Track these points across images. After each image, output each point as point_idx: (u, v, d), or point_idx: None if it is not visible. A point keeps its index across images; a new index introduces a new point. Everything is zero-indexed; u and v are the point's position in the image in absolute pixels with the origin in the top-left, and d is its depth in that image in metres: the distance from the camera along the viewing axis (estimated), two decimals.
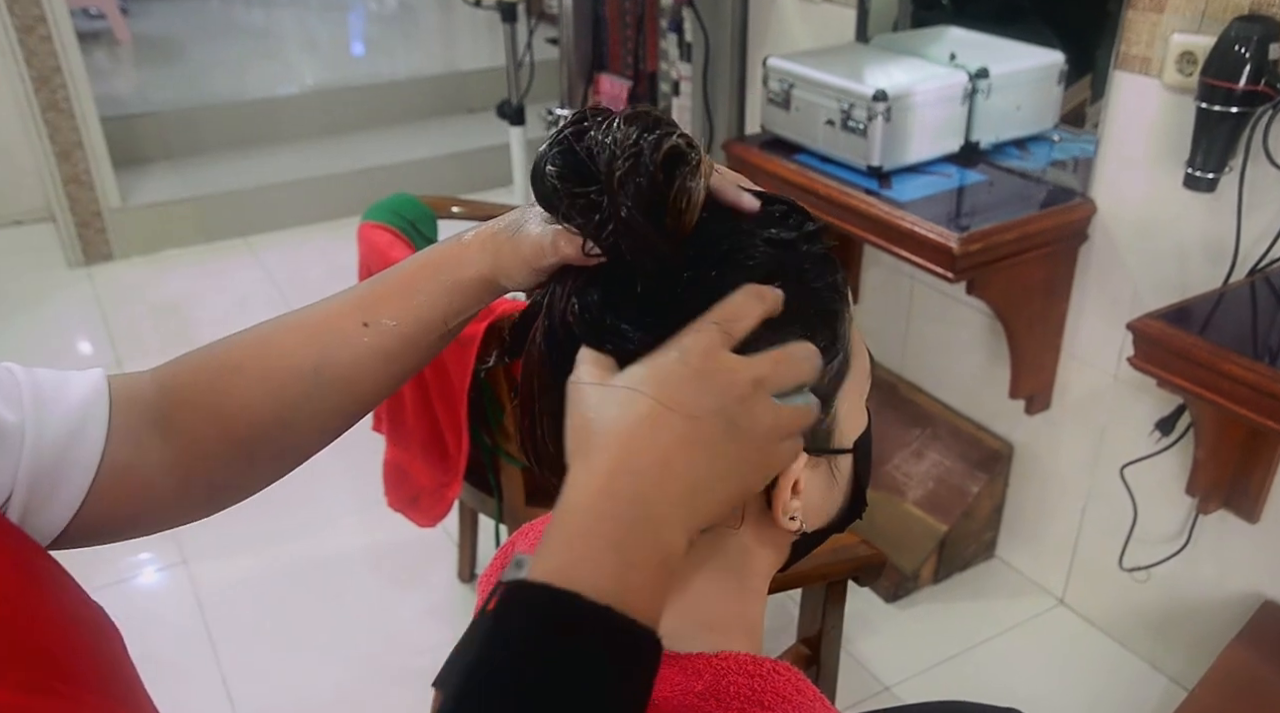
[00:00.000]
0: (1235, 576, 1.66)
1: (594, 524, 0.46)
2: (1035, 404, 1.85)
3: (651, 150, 0.52)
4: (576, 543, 0.46)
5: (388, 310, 0.62)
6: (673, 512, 0.47)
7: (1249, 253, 1.46)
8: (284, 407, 0.62)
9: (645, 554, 0.46)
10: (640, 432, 0.47)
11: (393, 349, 0.62)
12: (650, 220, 0.52)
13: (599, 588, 0.44)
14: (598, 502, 0.46)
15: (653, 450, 0.47)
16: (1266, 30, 1.36)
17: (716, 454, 0.49)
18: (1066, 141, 1.76)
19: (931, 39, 1.92)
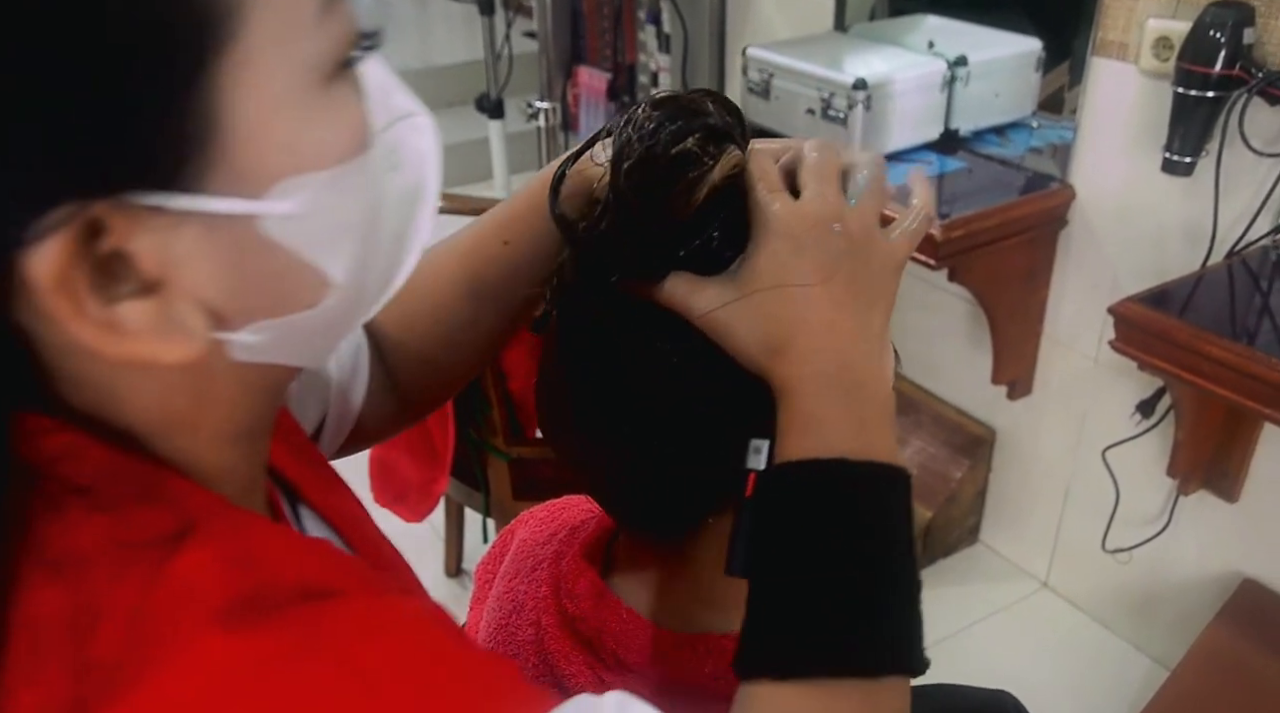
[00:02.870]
0: (1215, 555, 1.68)
1: (825, 404, 0.50)
2: (1017, 389, 1.87)
3: (665, 145, 0.51)
4: (818, 422, 0.50)
5: (522, 226, 0.64)
6: (867, 363, 0.52)
7: (1226, 235, 1.48)
8: (455, 325, 0.67)
9: (870, 407, 0.51)
10: (807, 315, 0.50)
11: (533, 263, 0.65)
12: (646, 210, 0.52)
13: (853, 450, 0.49)
14: (815, 389, 0.50)
15: (823, 328, 0.50)
16: (1240, 15, 1.38)
17: (867, 298, 0.52)
18: (1045, 128, 1.78)
19: (909, 27, 1.93)
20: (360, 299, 0.44)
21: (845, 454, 0.49)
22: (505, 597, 0.71)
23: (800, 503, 0.49)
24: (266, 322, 0.40)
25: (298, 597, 0.37)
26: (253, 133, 0.36)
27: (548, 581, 0.67)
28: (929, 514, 1.96)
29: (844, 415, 0.50)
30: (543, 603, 0.66)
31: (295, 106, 0.37)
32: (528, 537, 0.74)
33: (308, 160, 0.38)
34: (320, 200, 0.38)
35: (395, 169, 0.43)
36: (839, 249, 0.51)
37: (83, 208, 0.33)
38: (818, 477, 0.49)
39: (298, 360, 0.45)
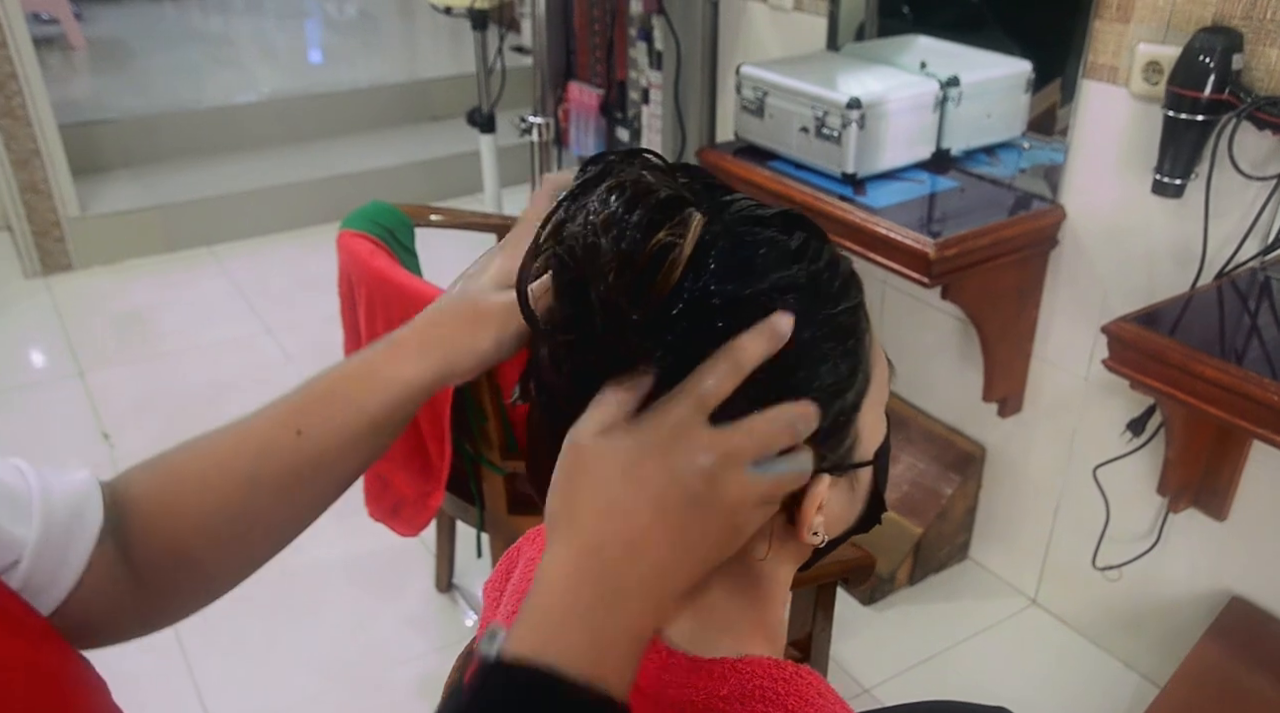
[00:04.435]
0: (1204, 572, 1.70)
1: (569, 604, 0.48)
2: (1008, 407, 1.88)
3: (639, 242, 0.50)
4: (553, 622, 0.48)
5: (318, 419, 0.61)
6: (642, 591, 0.49)
7: (1215, 257, 1.50)
8: (226, 518, 0.61)
9: (618, 633, 0.48)
10: (611, 513, 0.49)
11: (328, 457, 0.62)
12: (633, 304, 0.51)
13: (576, 664, 0.46)
14: (572, 582, 0.48)
15: (622, 533, 0.49)
16: (1229, 41, 1.40)
17: (685, 532, 0.50)
18: (1035, 149, 1.80)
19: (901, 48, 1.95)
20: None
21: (561, 666, 0.46)
22: (514, 615, 0.71)
23: (494, 703, 0.47)
24: None
25: None
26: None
27: None
28: (920, 530, 1.97)
29: (582, 628, 0.48)
30: None
31: None
32: (536, 555, 0.73)
33: None
34: None
35: None
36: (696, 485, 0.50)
37: None
38: (521, 680, 0.47)
39: None
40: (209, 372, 2.79)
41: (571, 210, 0.54)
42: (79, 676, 0.55)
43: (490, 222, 1.99)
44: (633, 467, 0.50)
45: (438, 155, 3.93)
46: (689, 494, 0.50)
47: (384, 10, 5.97)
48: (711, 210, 0.54)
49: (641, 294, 0.50)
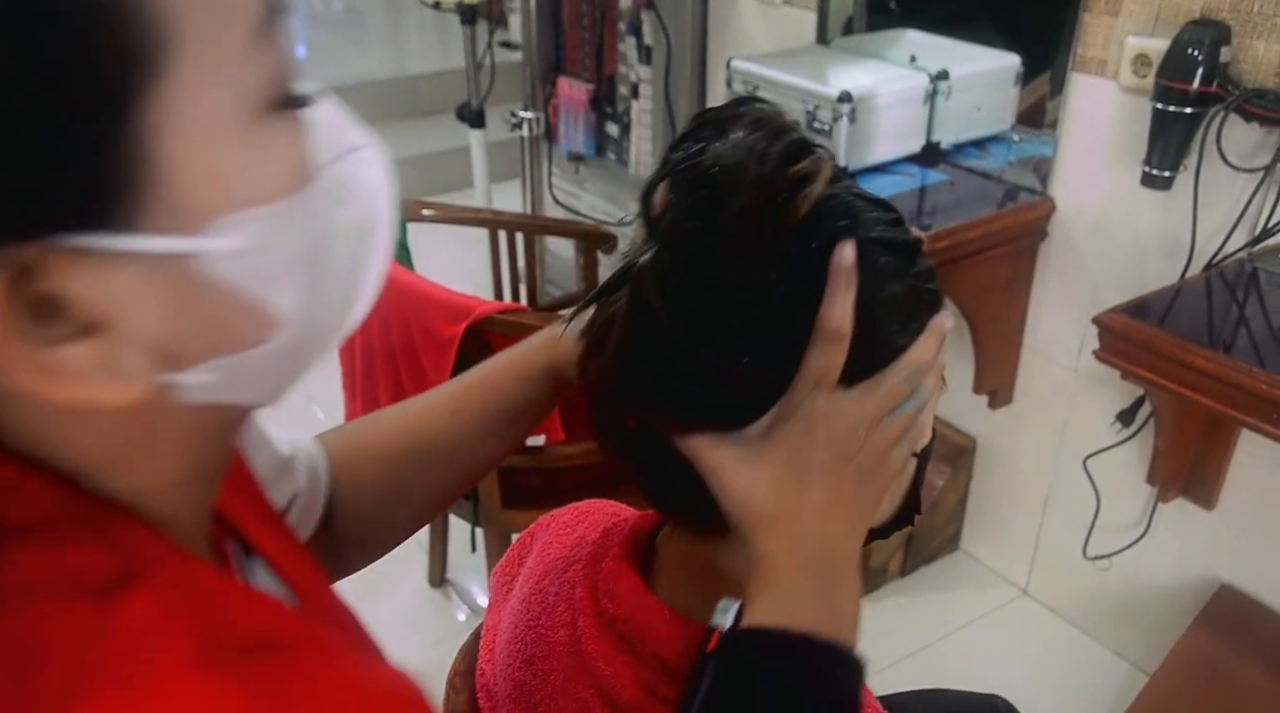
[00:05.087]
0: (1193, 561, 1.71)
1: (800, 586, 0.54)
2: (998, 399, 1.89)
3: (776, 167, 0.52)
4: (788, 595, 0.54)
5: (470, 404, 0.71)
6: (846, 551, 0.56)
7: (1204, 248, 1.52)
8: (393, 485, 0.72)
9: (842, 593, 0.55)
10: (801, 500, 0.55)
11: (476, 438, 0.72)
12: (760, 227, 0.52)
13: (821, 625, 0.53)
14: (793, 567, 0.54)
15: (817, 513, 0.55)
16: (1217, 34, 1.41)
17: (860, 493, 0.56)
18: (1024, 142, 1.81)
19: (891, 41, 1.96)
20: (313, 334, 0.43)
21: (814, 630, 0.52)
22: (533, 598, 0.71)
23: (765, 667, 0.52)
24: (215, 361, 0.39)
25: (258, 648, 0.36)
26: (187, 170, 0.35)
27: (583, 582, 0.67)
28: None
29: (818, 599, 0.54)
30: (578, 604, 0.66)
31: (232, 142, 0.36)
32: (553, 540, 0.74)
33: (247, 196, 0.37)
34: (263, 236, 0.37)
35: (344, 204, 0.42)
36: (854, 453, 0.55)
37: (13, 252, 0.32)
38: (785, 644, 0.52)
39: (249, 399, 0.44)
40: None
41: (700, 138, 0.55)
42: None
43: (482, 217, 1.99)
44: (799, 457, 0.55)
45: (426, 151, 3.92)
46: (856, 465, 0.56)
47: (370, 5, 5.95)
48: None
49: (774, 217, 0.52)
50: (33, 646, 0.33)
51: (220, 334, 0.39)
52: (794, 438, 0.55)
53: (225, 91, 0.36)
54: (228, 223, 0.36)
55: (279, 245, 0.38)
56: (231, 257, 0.37)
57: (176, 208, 0.35)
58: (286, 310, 0.40)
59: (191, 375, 0.39)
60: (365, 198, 0.44)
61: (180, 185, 0.35)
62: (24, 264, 0.33)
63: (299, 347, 0.42)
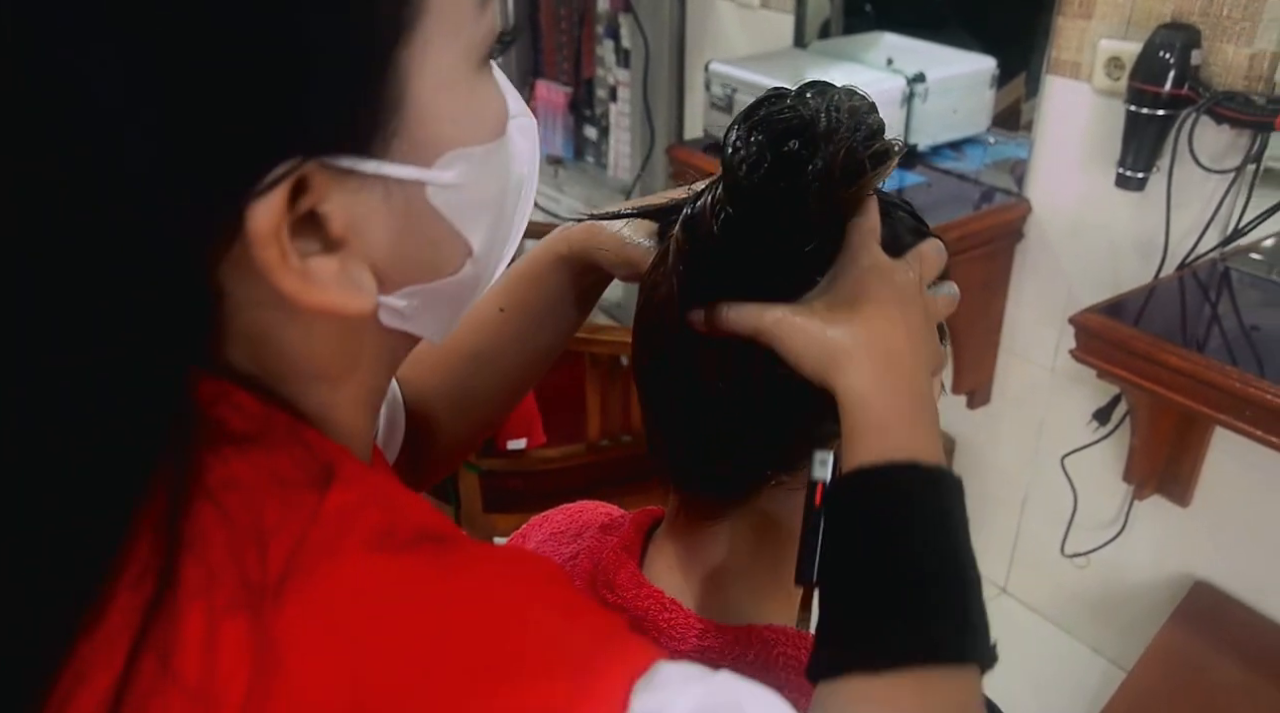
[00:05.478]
0: (1169, 558, 1.73)
1: (893, 411, 0.53)
2: (976, 399, 1.91)
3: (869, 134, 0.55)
4: (888, 428, 0.53)
5: (516, 297, 0.71)
6: (923, 383, 0.56)
7: (1177, 249, 1.54)
8: (458, 389, 0.73)
9: (929, 420, 0.55)
10: (885, 332, 0.55)
11: (527, 331, 0.72)
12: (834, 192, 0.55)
13: (926, 453, 0.52)
14: (881, 399, 0.53)
15: (898, 343, 0.55)
16: (1188, 37, 1.43)
17: (923, 334, 0.57)
18: (1000, 144, 1.83)
19: (867, 44, 1.97)
20: (485, 273, 0.48)
21: (916, 457, 0.51)
22: None
23: (878, 504, 0.51)
24: (417, 287, 0.44)
25: (426, 537, 0.41)
26: (427, 108, 0.41)
27: (581, 574, 0.68)
28: None
29: (912, 424, 0.53)
30: None
31: (460, 87, 0.42)
32: (547, 537, 0.74)
33: (467, 135, 0.43)
34: (473, 173, 0.43)
35: (515, 158, 0.47)
36: (911, 296, 0.56)
37: (297, 166, 0.37)
38: (896, 479, 0.51)
39: (428, 330, 0.48)
40: None
41: (793, 98, 0.57)
42: None
43: None
44: (872, 293, 0.55)
45: None
46: (919, 307, 0.57)
47: None
48: None
49: (852, 184, 0.55)
50: (258, 532, 0.39)
51: (428, 262, 0.45)
52: (855, 280, 0.55)
53: (459, 44, 0.42)
54: (450, 158, 0.42)
55: (481, 183, 0.44)
56: (449, 189, 0.43)
57: (417, 141, 0.41)
58: (477, 245, 0.46)
59: (397, 299, 0.44)
60: (526, 157, 0.49)
61: (421, 122, 0.41)
62: (300, 179, 0.38)
63: (474, 282, 0.48)
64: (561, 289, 0.71)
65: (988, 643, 0.51)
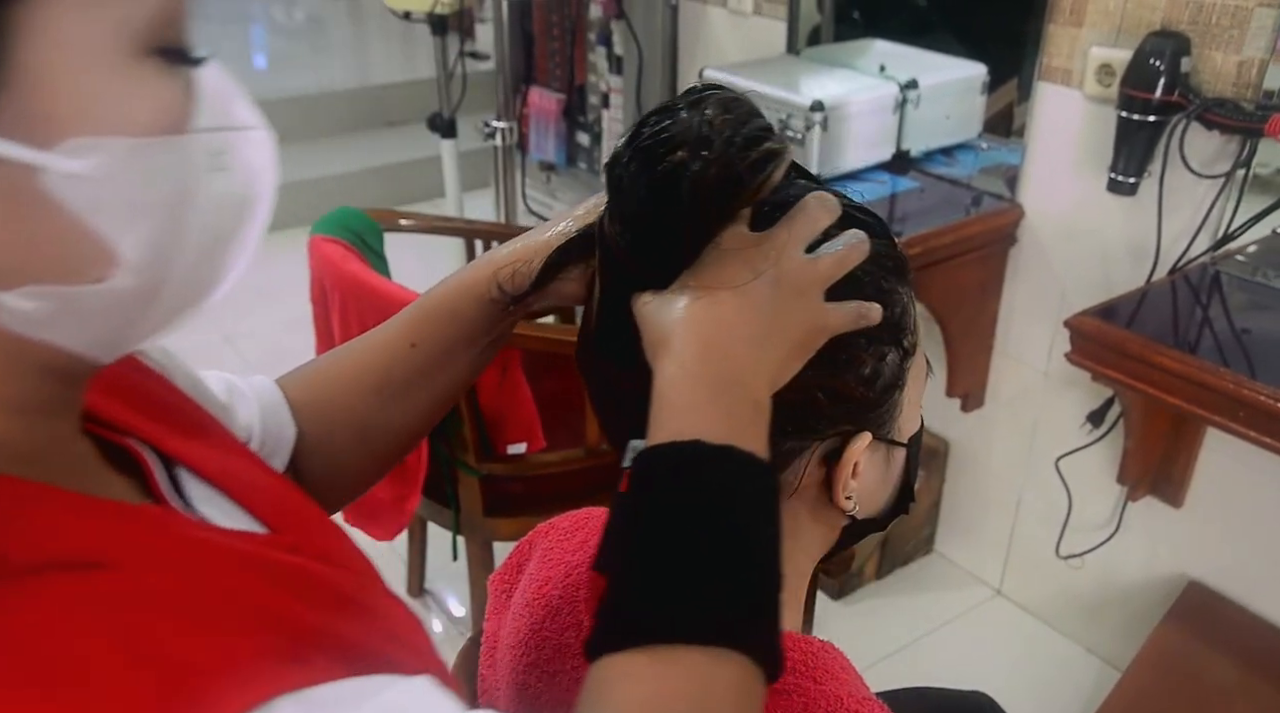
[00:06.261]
0: (1162, 558, 1.75)
1: (691, 393, 0.52)
2: (970, 402, 1.93)
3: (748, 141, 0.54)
4: (682, 409, 0.52)
5: (428, 332, 0.69)
6: (751, 368, 0.54)
7: (1169, 253, 1.55)
8: (359, 420, 0.71)
9: (740, 402, 0.52)
10: (701, 316, 0.53)
11: (437, 367, 0.70)
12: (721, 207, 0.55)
13: (714, 433, 0.50)
14: (688, 376, 0.52)
15: (716, 325, 0.53)
16: (1178, 45, 1.45)
17: (770, 311, 0.54)
18: (992, 149, 1.84)
19: (859, 51, 1.99)
20: (159, 290, 0.42)
21: (703, 436, 0.50)
22: (537, 604, 0.71)
23: (654, 483, 0.50)
24: (40, 287, 0.38)
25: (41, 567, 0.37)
26: (47, 80, 0.36)
27: (587, 584, 0.68)
28: None
29: (709, 406, 0.51)
30: (584, 606, 0.67)
31: (100, 67, 0.37)
32: (554, 546, 0.75)
33: (106, 124, 0.37)
34: (115, 169, 0.38)
35: (221, 171, 0.43)
36: (763, 270, 0.54)
37: None
38: (672, 457, 0.50)
39: (81, 343, 0.42)
40: None
41: (670, 114, 0.56)
42: None
43: (457, 226, 2.00)
44: (704, 274, 0.54)
45: (393, 161, 3.91)
46: (766, 278, 0.54)
47: (333, 15, 5.92)
48: None
49: (732, 196, 0.54)
50: None
51: (52, 259, 0.38)
52: (704, 263, 0.55)
53: (102, 17, 0.37)
54: (79, 145, 0.37)
55: (128, 182, 0.39)
56: (78, 180, 0.37)
57: (30, 116, 0.36)
58: (129, 253, 0.39)
59: (15, 298, 0.38)
60: (249, 174, 0.45)
61: (38, 95, 0.36)
62: None
63: (143, 298, 0.42)
64: (480, 325, 0.69)
65: (763, 633, 0.48)
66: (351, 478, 0.74)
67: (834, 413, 0.60)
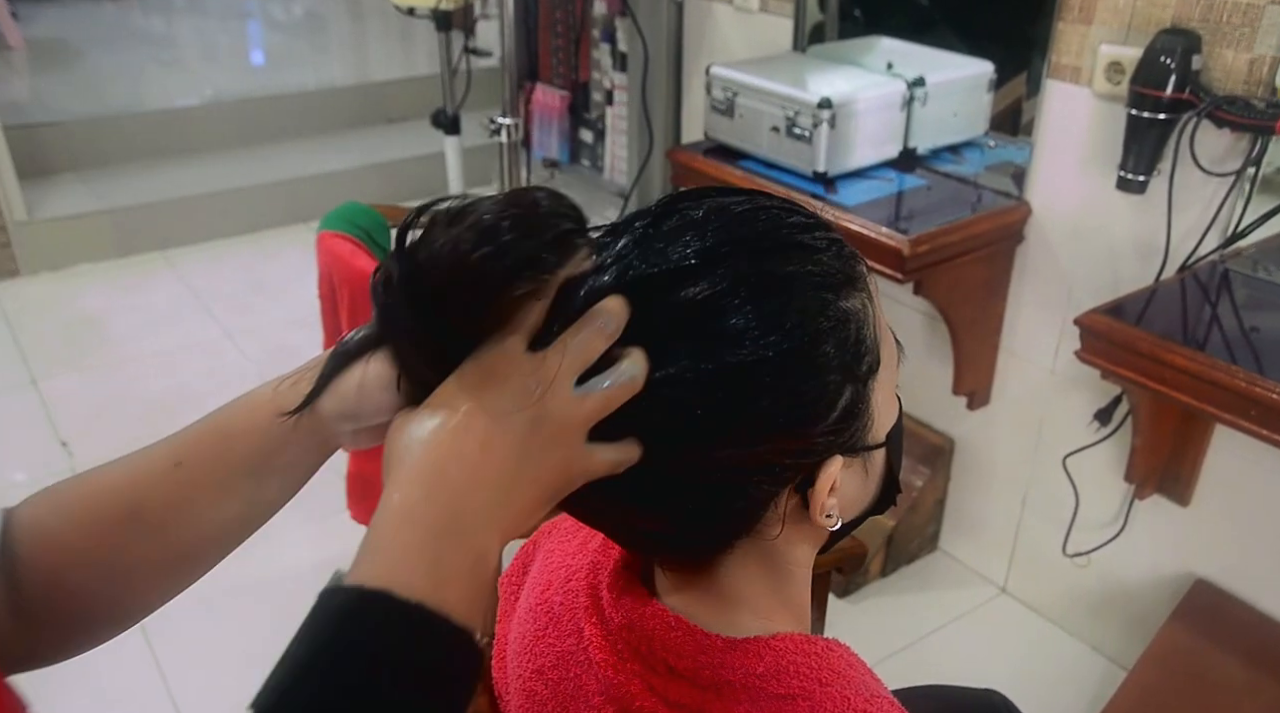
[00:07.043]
0: (1169, 557, 1.75)
1: (404, 530, 0.47)
2: (976, 400, 1.92)
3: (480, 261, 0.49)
4: (387, 548, 0.46)
5: (196, 452, 0.58)
6: (483, 514, 0.48)
7: (1178, 251, 1.55)
8: (107, 552, 0.58)
9: (457, 556, 0.47)
10: (445, 439, 0.48)
11: (204, 495, 0.58)
12: None
13: (412, 587, 0.45)
14: (407, 509, 0.47)
15: (457, 461, 0.48)
16: (1189, 42, 1.45)
17: (523, 453, 0.50)
18: (999, 147, 1.84)
19: (867, 49, 1.99)
20: None
21: (395, 588, 0.45)
22: (539, 609, 0.71)
23: (326, 626, 0.45)
24: None
25: None
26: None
27: (585, 590, 0.67)
28: (891, 524, 2.01)
29: (418, 553, 0.46)
30: (583, 613, 0.66)
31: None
32: (555, 548, 0.74)
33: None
34: None
35: None
36: (526, 404, 0.50)
37: None
38: (351, 605, 0.45)
39: None
40: (168, 377, 2.74)
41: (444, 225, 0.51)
42: None
43: None
44: (461, 393, 0.50)
45: (394, 158, 3.90)
46: (527, 414, 0.50)
47: (332, 11, 5.91)
48: None
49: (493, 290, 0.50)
50: None
51: None
52: (463, 371, 0.50)
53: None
54: None
55: None
56: None
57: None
58: None
59: None
60: None
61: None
62: None
63: None
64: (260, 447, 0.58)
65: None
66: (93, 622, 0.60)
67: (797, 462, 0.58)
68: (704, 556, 0.62)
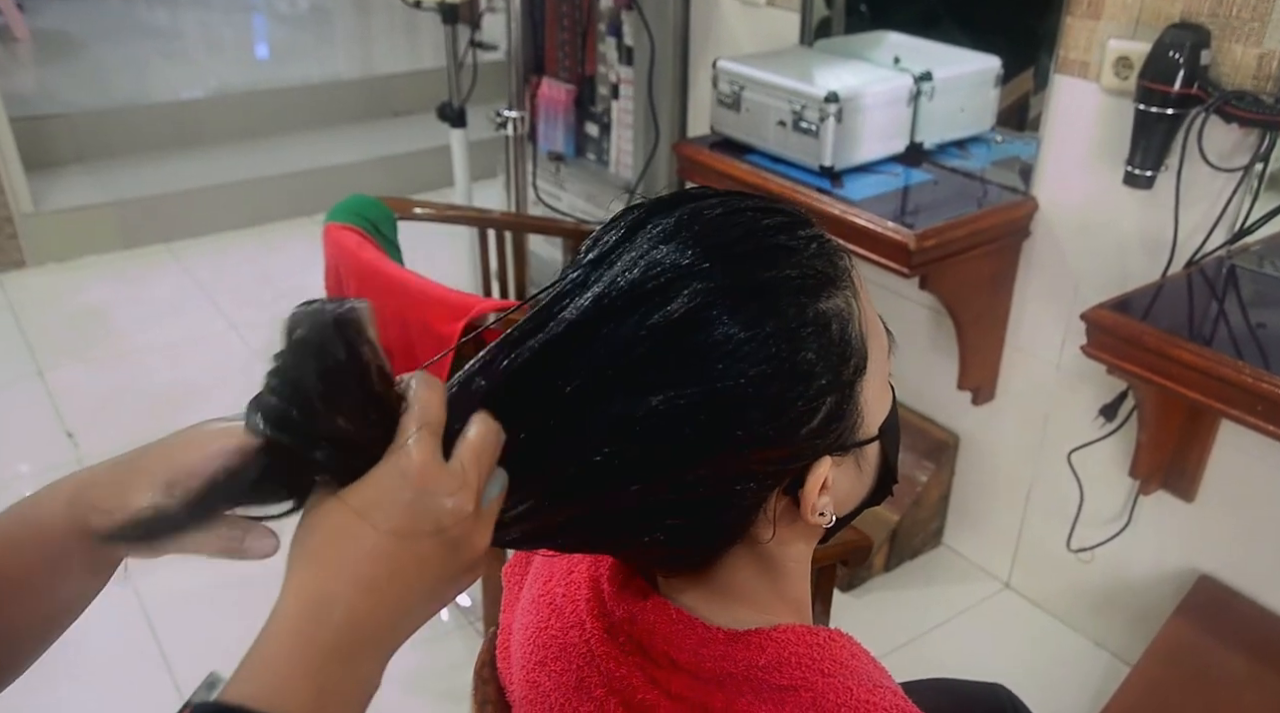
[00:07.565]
0: (1173, 552, 1.75)
1: (295, 649, 0.45)
2: (981, 395, 1.92)
3: None
4: (273, 664, 0.45)
5: None
6: (376, 642, 0.47)
7: (1185, 246, 1.55)
8: None
9: (344, 684, 0.46)
10: (356, 557, 0.46)
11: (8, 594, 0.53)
12: None
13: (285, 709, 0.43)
14: (300, 624, 0.45)
15: (366, 577, 0.46)
16: (1197, 37, 1.45)
17: (433, 580, 0.48)
18: (1006, 142, 1.84)
19: (873, 43, 1.98)
20: None
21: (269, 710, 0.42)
22: (541, 600, 0.71)
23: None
24: None
25: None
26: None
27: (587, 583, 0.67)
28: (896, 518, 2.01)
29: (304, 679, 0.44)
30: (585, 606, 0.66)
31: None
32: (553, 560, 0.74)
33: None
34: None
35: None
36: (434, 528, 0.48)
37: None
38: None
39: None
40: (174, 369, 2.74)
41: None
42: None
43: (470, 215, 1.99)
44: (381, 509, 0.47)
45: (399, 151, 3.90)
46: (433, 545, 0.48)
47: (338, 4, 5.90)
48: None
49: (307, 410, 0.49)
50: None
51: None
52: (386, 485, 0.48)
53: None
54: None
55: None
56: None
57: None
58: None
59: None
60: None
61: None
62: None
63: None
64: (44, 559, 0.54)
65: None
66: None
67: (782, 469, 0.57)
68: (698, 565, 0.62)
